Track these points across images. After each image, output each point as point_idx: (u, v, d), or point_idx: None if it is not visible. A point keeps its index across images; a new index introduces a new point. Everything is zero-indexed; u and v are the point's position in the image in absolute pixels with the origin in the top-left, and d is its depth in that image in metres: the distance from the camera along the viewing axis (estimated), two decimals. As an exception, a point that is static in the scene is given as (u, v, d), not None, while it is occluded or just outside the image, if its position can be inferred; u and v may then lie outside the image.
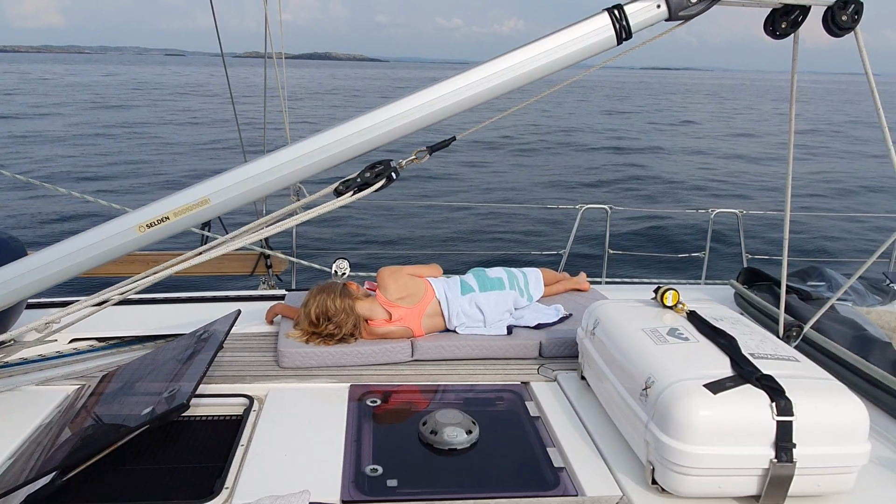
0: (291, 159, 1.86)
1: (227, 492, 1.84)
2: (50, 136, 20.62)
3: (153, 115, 28.39)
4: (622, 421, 2.11)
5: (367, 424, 2.25)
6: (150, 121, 26.53)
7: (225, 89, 4.91)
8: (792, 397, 1.79)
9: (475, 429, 2.18)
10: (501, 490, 1.90)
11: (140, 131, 23.31)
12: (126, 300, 3.16)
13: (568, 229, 5.20)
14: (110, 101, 35.33)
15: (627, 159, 20.07)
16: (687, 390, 1.82)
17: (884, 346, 2.70)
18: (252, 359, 2.69)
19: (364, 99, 41.43)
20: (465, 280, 3.02)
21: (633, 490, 1.90)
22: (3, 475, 1.89)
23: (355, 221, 11.22)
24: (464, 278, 3.04)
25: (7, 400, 2.32)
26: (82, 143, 19.57)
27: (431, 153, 2.03)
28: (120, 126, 23.95)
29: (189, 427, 2.22)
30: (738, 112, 40.21)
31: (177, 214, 1.86)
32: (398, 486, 1.92)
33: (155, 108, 31.41)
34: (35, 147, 18.63)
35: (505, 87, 1.94)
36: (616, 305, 2.49)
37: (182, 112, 30.17)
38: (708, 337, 2.16)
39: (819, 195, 15.41)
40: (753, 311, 3.25)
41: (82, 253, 1.86)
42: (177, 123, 25.92)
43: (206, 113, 28.61)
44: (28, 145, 18.95)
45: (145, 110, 30.65)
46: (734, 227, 5.39)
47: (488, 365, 2.73)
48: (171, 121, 26.72)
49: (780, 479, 1.78)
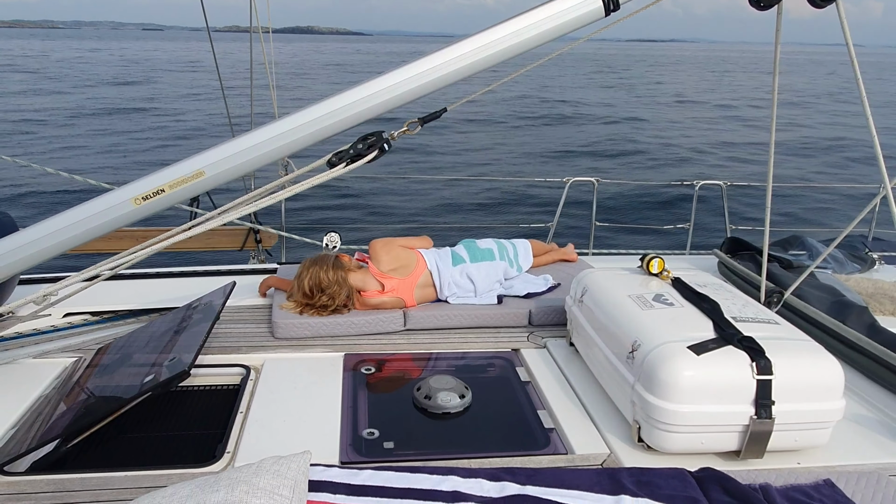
0: (285, 131, 1.88)
1: (229, 456, 1.90)
2: (55, 116, 19.95)
3: (161, 92, 27.42)
4: (609, 383, 2.19)
5: (362, 391, 2.31)
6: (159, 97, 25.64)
7: (210, 64, 4.85)
8: (771, 357, 1.87)
9: (468, 393, 2.25)
10: (495, 450, 1.97)
11: (159, 108, 22.57)
12: (119, 275, 3.18)
13: (555, 202, 5.25)
14: (128, 78, 34.02)
15: (614, 131, 20.09)
16: (672, 352, 1.89)
17: (860, 311, 2.80)
18: (247, 330, 2.73)
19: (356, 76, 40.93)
20: (455, 251, 3.07)
21: (619, 448, 1.98)
22: (7, 444, 1.93)
23: (345, 195, 11.19)
24: (455, 249, 3.09)
25: (5, 373, 2.35)
26: (95, 125, 18.96)
27: (423, 124, 2.06)
28: (138, 106, 23.11)
29: (188, 396, 2.27)
30: (724, 83, 40.25)
31: (172, 187, 1.88)
32: (394, 447, 1.99)
33: (164, 86, 30.38)
34: (35, 128, 18.15)
35: (495, 58, 1.96)
36: (603, 274, 2.56)
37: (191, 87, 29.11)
38: (692, 302, 2.23)
39: (802, 165, 15.57)
40: (736, 280, 3.34)
41: (79, 225, 1.88)
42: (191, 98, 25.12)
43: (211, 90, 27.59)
44: (27, 125, 18.43)
45: (152, 87, 29.56)
46: (719, 199, 5.46)
47: (480, 333, 2.80)
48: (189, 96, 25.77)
49: (760, 435, 1.87)
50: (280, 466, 1.52)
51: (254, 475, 1.47)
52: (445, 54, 1.96)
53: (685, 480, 1.71)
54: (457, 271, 2.96)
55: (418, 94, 1.96)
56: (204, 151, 1.93)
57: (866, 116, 2.31)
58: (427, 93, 1.99)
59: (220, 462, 1.87)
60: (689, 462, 1.86)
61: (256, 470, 1.49)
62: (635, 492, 1.65)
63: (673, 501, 1.63)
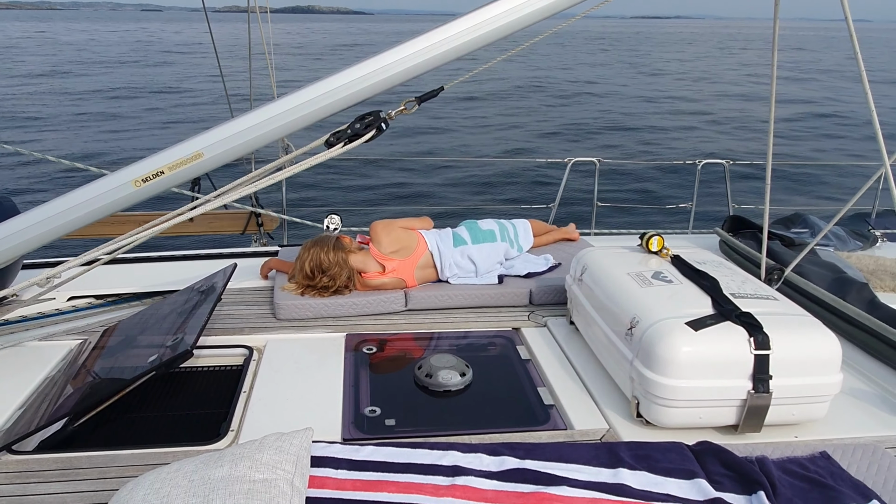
0: (283, 111, 1.88)
1: (233, 434, 1.93)
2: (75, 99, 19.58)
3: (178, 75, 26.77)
4: (608, 360, 2.21)
5: (363, 370, 2.33)
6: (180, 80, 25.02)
7: (209, 45, 4.82)
8: (769, 332, 1.88)
9: (469, 371, 2.27)
10: (495, 426, 2.00)
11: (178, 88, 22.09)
12: (122, 259, 3.20)
13: (557, 182, 5.24)
14: (145, 61, 33.21)
15: (616, 108, 19.96)
16: (670, 328, 1.91)
17: (861, 287, 2.81)
18: (249, 311, 2.75)
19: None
20: (457, 232, 3.07)
21: (618, 423, 2.00)
22: (15, 424, 1.96)
23: (344, 177, 11.18)
24: (456, 231, 3.09)
25: (11, 355, 2.38)
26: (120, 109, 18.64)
27: (420, 103, 2.05)
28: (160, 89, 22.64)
29: (192, 377, 2.29)
30: (729, 60, 39.83)
31: (171, 169, 1.89)
32: (396, 425, 2.01)
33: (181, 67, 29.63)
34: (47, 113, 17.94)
35: (492, 35, 1.95)
36: (603, 252, 2.56)
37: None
38: (691, 279, 2.24)
39: (805, 141, 15.47)
40: (737, 258, 3.34)
41: (79, 208, 1.89)
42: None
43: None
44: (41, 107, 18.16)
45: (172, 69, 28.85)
46: (721, 177, 5.44)
47: (480, 313, 2.81)
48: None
49: (757, 409, 1.89)
50: (282, 442, 1.55)
51: (257, 451, 1.50)
52: (442, 32, 1.94)
53: (683, 453, 1.73)
54: (458, 252, 2.97)
55: (415, 74, 1.95)
56: (202, 133, 1.93)
57: (865, 92, 2.29)
58: (424, 72, 1.98)
59: (224, 440, 1.90)
60: (688, 436, 1.88)
61: (259, 446, 1.52)
62: (633, 465, 1.67)
63: (670, 474, 1.65)
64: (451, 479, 1.59)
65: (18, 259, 2.24)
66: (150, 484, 1.41)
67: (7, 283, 2.68)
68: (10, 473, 1.73)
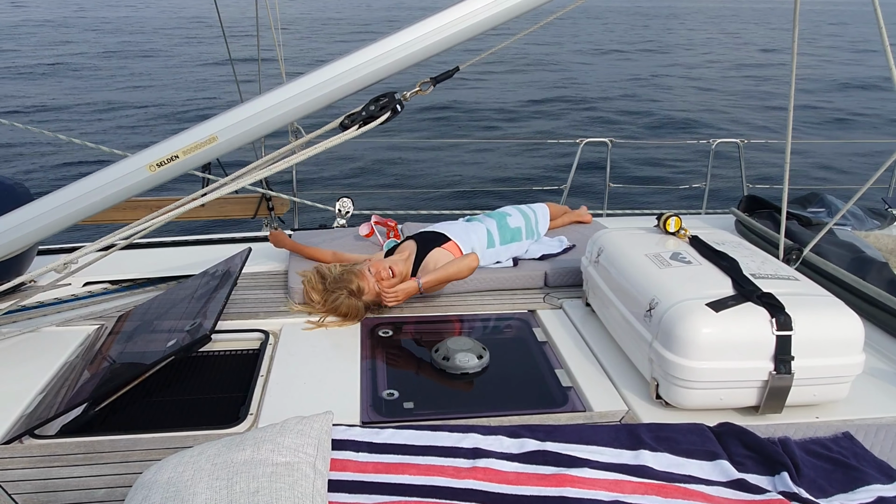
0: (297, 93, 1.86)
1: (252, 417, 1.93)
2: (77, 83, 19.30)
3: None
4: (626, 341, 2.19)
5: (380, 354, 2.33)
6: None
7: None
8: (791, 313, 1.86)
9: (486, 354, 2.26)
10: (513, 409, 1.99)
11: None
12: (137, 245, 3.21)
13: (569, 164, 5.20)
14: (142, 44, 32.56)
15: (629, 90, 19.74)
16: (690, 309, 1.89)
17: (880, 267, 2.77)
18: (264, 296, 2.76)
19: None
20: (489, 230, 2.96)
21: (637, 405, 1.99)
22: (36, 409, 1.98)
23: (356, 160, 11.14)
24: (489, 227, 2.97)
25: (29, 341, 2.39)
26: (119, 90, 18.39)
27: (435, 84, 2.02)
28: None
29: (209, 361, 2.30)
30: (745, 38, 39.19)
31: (186, 153, 1.87)
32: (414, 407, 2.01)
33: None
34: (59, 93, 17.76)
35: (506, 14, 1.91)
36: (619, 233, 2.54)
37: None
38: (710, 260, 2.21)
39: (821, 122, 15.26)
40: (754, 238, 3.30)
41: (95, 193, 1.89)
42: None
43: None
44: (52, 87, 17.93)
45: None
46: (736, 157, 5.38)
47: (496, 295, 2.80)
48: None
49: (779, 390, 1.87)
50: (304, 426, 1.55)
51: (279, 434, 1.50)
52: (456, 11, 1.91)
53: (704, 435, 1.72)
54: (489, 254, 2.93)
55: (431, 53, 1.92)
56: (216, 117, 1.91)
57: (889, 68, 2.24)
58: (438, 51, 1.95)
59: (243, 423, 1.91)
60: (708, 417, 1.87)
61: (281, 429, 1.52)
62: (654, 446, 1.66)
63: (692, 455, 1.64)
64: (472, 462, 1.59)
65: (34, 245, 2.25)
66: (174, 467, 1.42)
67: (23, 269, 2.69)
68: (34, 458, 1.75)
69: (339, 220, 3.97)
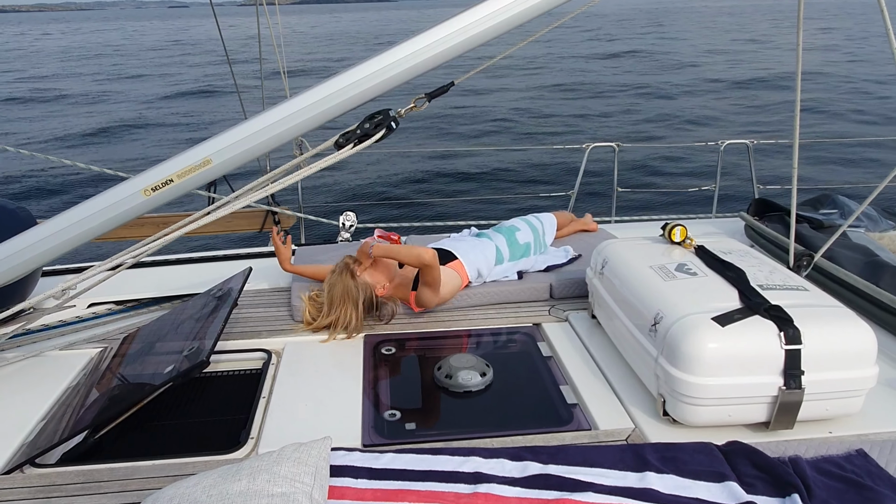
0: (290, 114, 1.84)
1: (253, 441, 1.91)
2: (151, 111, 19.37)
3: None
4: (633, 356, 2.15)
5: (383, 372, 2.31)
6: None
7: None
8: (800, 326, 1.81)
9: (489, 371, 2.23)
10: (517, 428, 1.96)
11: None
12: (139, 263, 3.21)
13: (575, 169, 5.16)
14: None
15: (634, 94, 19.63)
16: (695, 324, 1.84)
17: (894, 271, 2.70)
18: (267, 314, 2.74)
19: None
20: (498, 247, 2.92)
21: (644, 422, 1.95)
22: (37, 437, 1.97)
23: (358, 172, 11.15)
24: (498, 244, 2.94)
25: (33, 365, 2.39)
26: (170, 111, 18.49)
27: (430, 100, 2.00)
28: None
29: (211, 382, 2.28)
30: (750, 38, 38.90)
31: (180, 176, 1.87)
32: (416, 428, 1.98)
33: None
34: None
35: (509, 23, 1.88)
36: (624, 244, 2.50)
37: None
38: (716, 271, 2.17)
39: (829, 120, 15.07)
40: (764, 243, 3.25)
41: (92, 219, 1.88)
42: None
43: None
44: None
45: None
46: (745, 159, 5.31)
47: (500, 309, 2.77)
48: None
49: (789, 406, 1.82)
50: (301, 454, 1.52)
51: (275, 463, 1.47)
52: (451, 25, 1.89)
53: (712, 455, 1.67)
54: (497, 271, 2.89)
55: (428, 67, 1.90)
56: (211, 139, 1.90)
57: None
58: (436, 66, 1.92)
59: (244, 448, 1.89)
60: (717, 434, 1.82)
61: (277, 458, 1.49)
62: (660, 468, 1.62)
63: (699, 477, 1.60)
64: (472, 487, 1.55)
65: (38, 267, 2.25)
66: (170, 499, 1.40)
67: (27, 292, 2.69)
68: (34, 487, 1.74)
69: (344, 234, 3.96)
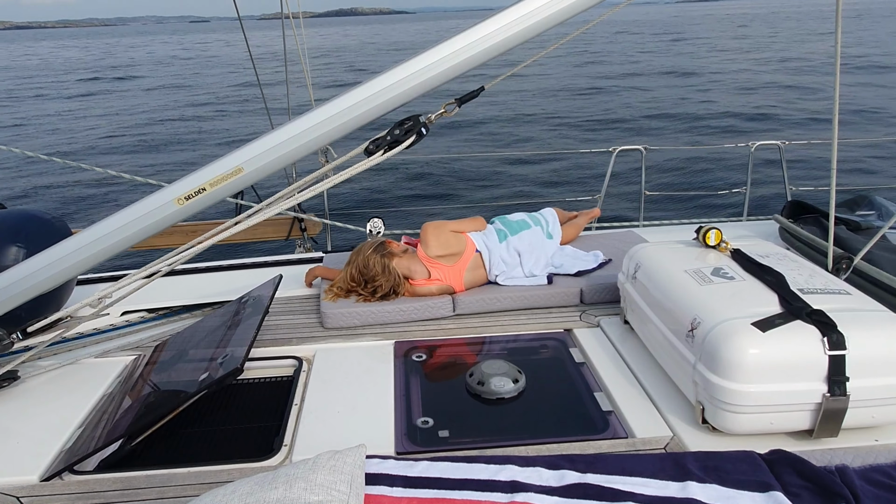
0: (320, 122, 1.84)
1: (286, 449, 1.91)
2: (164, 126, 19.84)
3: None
4: (668, 363, 2.10)
5: (414, 379, 2.29)
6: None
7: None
8: (844, 331, 1.76)
9: (521, 377, 2.20)
10: (552, 435, 1.93)
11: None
12: (171, 271, 3.25)
13: (602, 173, 5.11)
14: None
15: (662, 96, 19.44)
16: (735, 329, 1.80)
17: (939, 273, 2.61)
18: (297, 321, 2.75)
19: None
20: (497, 228, 3.06)
21: (683, 430, 1.90)
22: (75, 444, 1.99)
23: (386, 179, 11.20)
24: (496, 227, 3.08)
25: (69, 373, 2.43)
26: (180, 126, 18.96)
27: (460, 105, 1.99)
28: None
29: (243, 390, 2.30)
30: (777, 41, 38.28)
31: (213, 185, 1.88)
32: (450, 436, 1.96)
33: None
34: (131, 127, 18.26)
35: (534, 29, 1.87)
36: (657, 248, 2.45)
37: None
38: (754, 275, 2.11)
39: (867, 120, 14.72)
40: (800, 246, 3.17)
41: (127, 228, 1.90)
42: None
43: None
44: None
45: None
46: (777, 160, 5.20)
47: (531, 314, 2.74)
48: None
49: (834, 413, 1.76)
50: (336, 461, 1.52)
51: (311, 471, 1.47)
52: (480, 30, 1.88)
53: (755, 464, 1.62)
54: (503, 247, 2.94)
55: (457, 73, 1.89)
56: (242, 147, 1.92)
57: None
58: (466, 70, 1.91)
59: (278, 455, 1.89)
60: (758, 442, 1.77)
61: (313, 466, 1.49)
62: (702, 477, 1.58)
63: (743, 486, 1.55)
64: (509, 496, 1.53)
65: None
66: (206, 507, 1.40)
67: (63, 300, 2.74)
68: (73, 494, 1.76)
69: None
